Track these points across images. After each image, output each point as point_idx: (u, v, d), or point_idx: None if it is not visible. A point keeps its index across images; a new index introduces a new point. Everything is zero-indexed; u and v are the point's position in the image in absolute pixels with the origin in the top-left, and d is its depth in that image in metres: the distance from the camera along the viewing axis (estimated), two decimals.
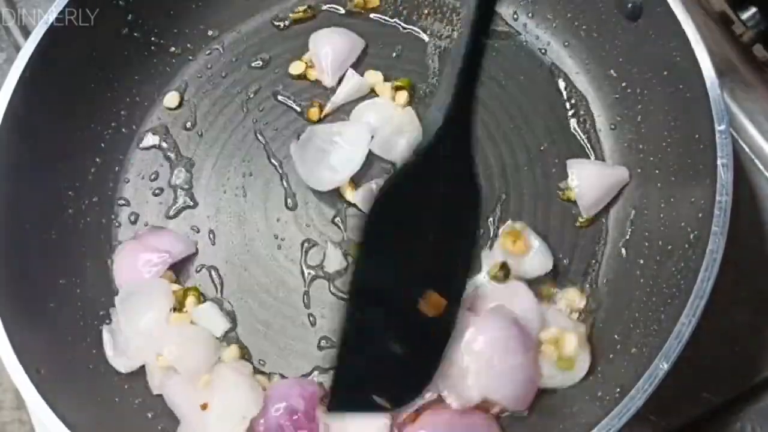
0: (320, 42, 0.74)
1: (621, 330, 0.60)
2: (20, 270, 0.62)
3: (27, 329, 0.59)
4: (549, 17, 0.73)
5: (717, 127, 0.56)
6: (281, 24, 0.78)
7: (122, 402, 0.63)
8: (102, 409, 0.61)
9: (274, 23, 0.78)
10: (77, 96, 0.69)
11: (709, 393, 0.63)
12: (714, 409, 0.63)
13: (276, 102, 0.75)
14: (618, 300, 0.63)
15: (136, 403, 0.63)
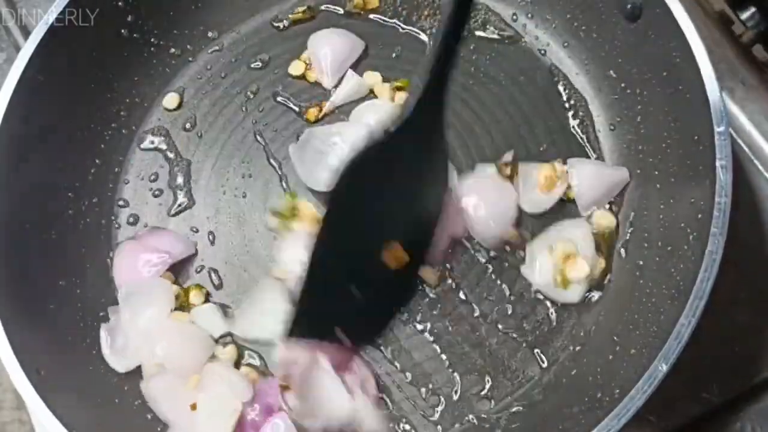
0: (319, 43, 0.74)
1: (621, 330, 0.60)
2: (20, 270, 0.62)
3: (27, 329, 0.59)
4: (548, 18, 0.73)
5: (716, 129, 0.56)
6: (281, 25, 0.78)
7: (122, 403, 0.63)
8: (101, 410, 0.61)
9: (274, 24, 0.78)
10: (77, 96, 0.69)
11: (709, 393, 0.63)
12: (714, 409, 0.63)
13: (275, 103, 0.75)
14: (618, 300, 0.63)
15: (136, 404, 0.63)
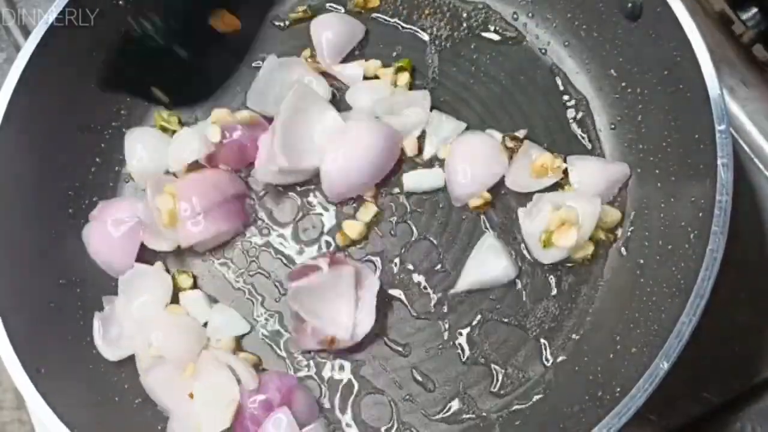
0: (320, 26, 0.75)
1: (621, 329, 0.60)
2: (20, 269, 0.62)
3: (27, 328, 0.59)
4: (549, 17, 0.73)
5: (717, 127, 0.56)
6: (281, 24, 0.78)
7: (122, 401, 0.63)
8: (102, 409, 0.61)
9: (274, 23, 0.78)
10: (77, 96, 0.69)
11: (709, 393, 0.63)
12: (714, 409, 0.63)
13: None
14: (618, 300, 0.63)
15: (136, 402, 0.63)
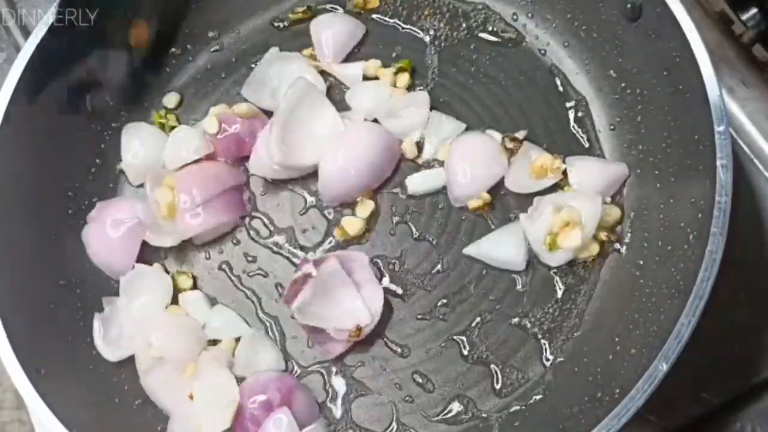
0: (320, 26, 0.75)
1: (621, 330, 0.60)
2: (20, 269, 0.62)
3: (27, 329, 0.59)
4: (548, 17, 0.73)
5: (716, 128, 0.56)
6: (281, 24, 0.78)
7: (122, 402, 0.63)
8: (102, 409, 0.61)
9: (274, 24, 0.78)
10: (77, 96, 0.69)
11: (709, 393, 0.63)
12: (714, 409, 0.63)
13: None
14: (617, 300, 0.63)
15: (136, 404, 0.63)
